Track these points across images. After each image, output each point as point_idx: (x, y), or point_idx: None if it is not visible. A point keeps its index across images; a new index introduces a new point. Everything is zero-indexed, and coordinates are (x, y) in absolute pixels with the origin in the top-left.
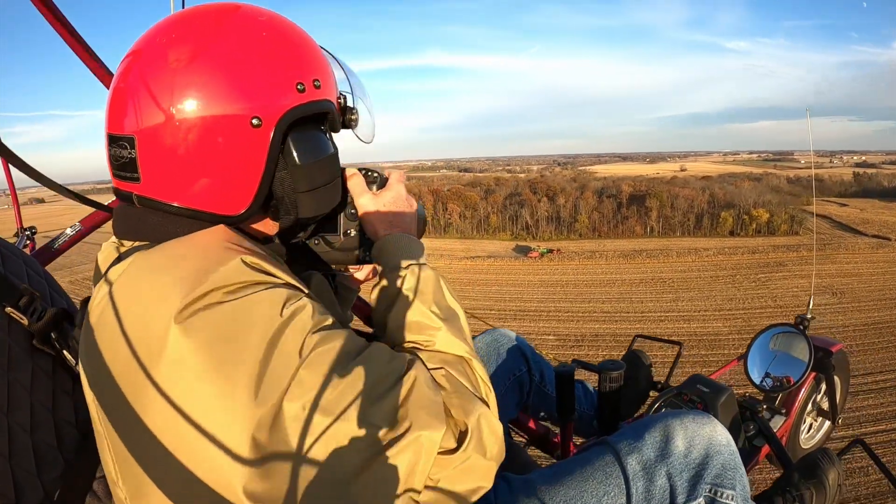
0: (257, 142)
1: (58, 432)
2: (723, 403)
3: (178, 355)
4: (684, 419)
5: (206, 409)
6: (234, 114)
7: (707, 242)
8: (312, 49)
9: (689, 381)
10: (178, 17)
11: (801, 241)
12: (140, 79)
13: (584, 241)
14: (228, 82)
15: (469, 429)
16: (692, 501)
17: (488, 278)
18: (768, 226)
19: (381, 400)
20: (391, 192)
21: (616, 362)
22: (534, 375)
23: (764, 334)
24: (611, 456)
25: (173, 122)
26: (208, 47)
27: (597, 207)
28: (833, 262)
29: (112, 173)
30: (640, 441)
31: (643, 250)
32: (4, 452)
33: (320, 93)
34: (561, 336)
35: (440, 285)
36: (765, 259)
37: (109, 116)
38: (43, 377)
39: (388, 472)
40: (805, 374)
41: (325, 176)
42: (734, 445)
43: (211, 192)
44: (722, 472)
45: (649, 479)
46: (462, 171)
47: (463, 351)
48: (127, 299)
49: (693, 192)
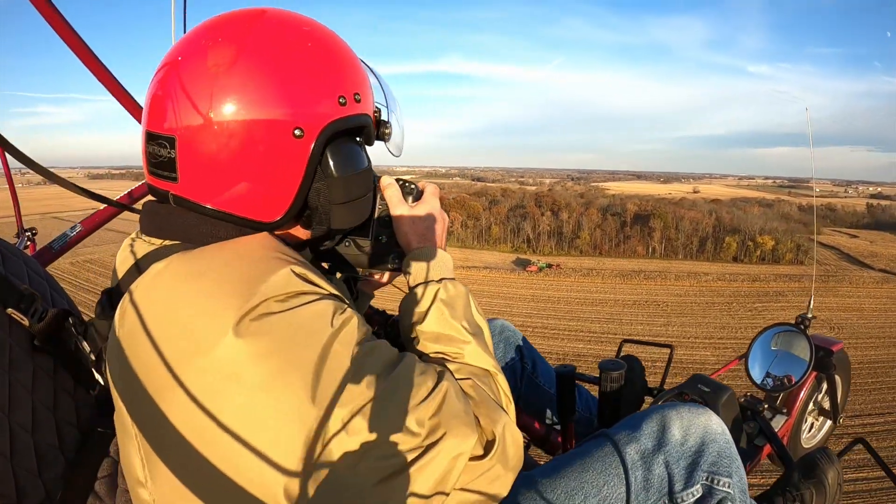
0: (298, 152)
1: (59, 432)
2: (724, 403)
3: (233, 363)
4: (680, 410)
5: (260, 417)
6: (276, 120)
7: (709, 267)
8: (354, 63)
9: (690, 381)
10: (223, 19)
11: (806, 270)
12: (184, 79)
13: (584, 258)
14: (273, 90)
15: (496, 438)
16: (689, 489)
17: (481, 289)
18: (773, 253)
19: (417, 409)
20: (426, 205)
21: (616, 362)
22: (526, 364)
23: (765, 334)
24: (609, 447)
25: (215, 125)
26: (254, 53)
27: (600, 225)
28: (835, 294)
29: (147, 170)
30: (637, 431)
31: (642, 271)
32: (6, 452)
33: (360, 107)
34: (542, 353)
35: (469, 300)
36: (765, 288)
37: (150, 113)
38: (44, 377)
39: (424, 476)
40: (806, 373)
41: (360, 189)
42: (729, 435)
43: (248, 197)
44: (718, 459)
45: (647, 468)
46: (475, 179)
47: (489, 365)
48: (169, 304)
49: (699, 215)
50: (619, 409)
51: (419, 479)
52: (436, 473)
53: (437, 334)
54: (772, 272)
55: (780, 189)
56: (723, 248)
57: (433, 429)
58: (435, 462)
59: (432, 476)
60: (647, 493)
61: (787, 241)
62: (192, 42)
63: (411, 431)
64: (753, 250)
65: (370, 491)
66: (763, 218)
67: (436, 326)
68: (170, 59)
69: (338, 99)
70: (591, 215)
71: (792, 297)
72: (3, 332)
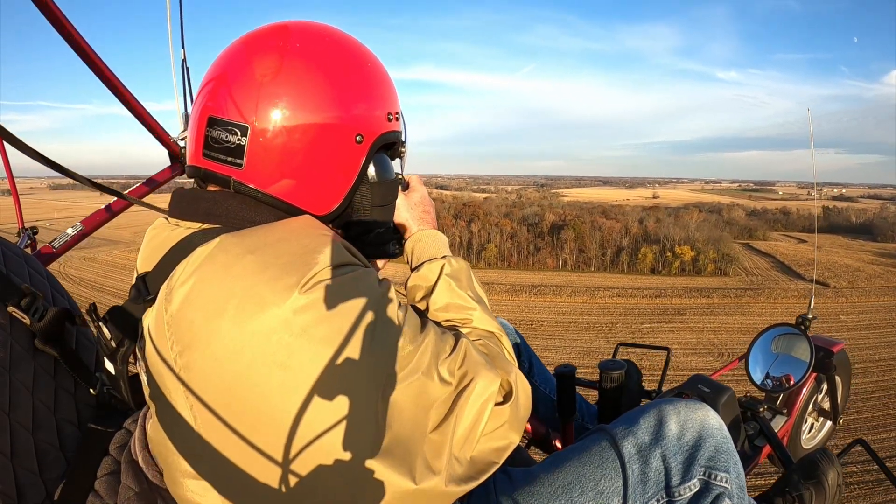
0: (356, 155)
1: (59, 432)
2: (724, 403)
3: (301, 321)
4: (677, 405)
5: (327, 368)
6: (344, 125)
7: (619, 280)
8: (394, 85)
9: (689, 382)
10: (290, 32)
11: (726, 283)
12: (260, 75)
13: (488, 271)
14: (348, 100)
15: (512, 385)
16: (687, 483)
17: None
18: (693, 265)
19: (446, 361)
20: (417, 192)
21: (616, 362)
22: (523, 363)
23: (765, 335)
24: (606, 441)
25: (291, 121)
26: (334, 64)
27: (513, 236)
28: (744, 313)
29: (202, 153)
30: (634, 426)
31: (540, 285)
32: (6, 452)
33: (398, 125)
34: None
35: (470, 273)
36: (665, 304)
37: (216, 102)
38: (44, 377)
39: (462, 421)
40: (806, 374)
41: (392, 194)
42: (727, 430)
43: (305, 189)
44: (715, 454)
45: (644, 462)
46: (439, 188)
47: (494, 328)
48: (227, 279)
49: (619, 225)
50: (620, 409)
51: (460, 423)
52: (470, 417)
53: (446, 304)
54: (685, 286)
55: (744, 192)
56: (638, 260)
57: (462, 377)
58: (468, 405)
59: (468, 419)
60: (645, 487)
61: (710, 252)
62: (258, 45)
63: (445, 381)
64: (672, 261)
65: (426, 439)
66: (686, 227)
67: (445, 297)
68: (238, 58)
69: (387, 115)
70: (504, 226)
71: (690, 316)
72: (5, 331)
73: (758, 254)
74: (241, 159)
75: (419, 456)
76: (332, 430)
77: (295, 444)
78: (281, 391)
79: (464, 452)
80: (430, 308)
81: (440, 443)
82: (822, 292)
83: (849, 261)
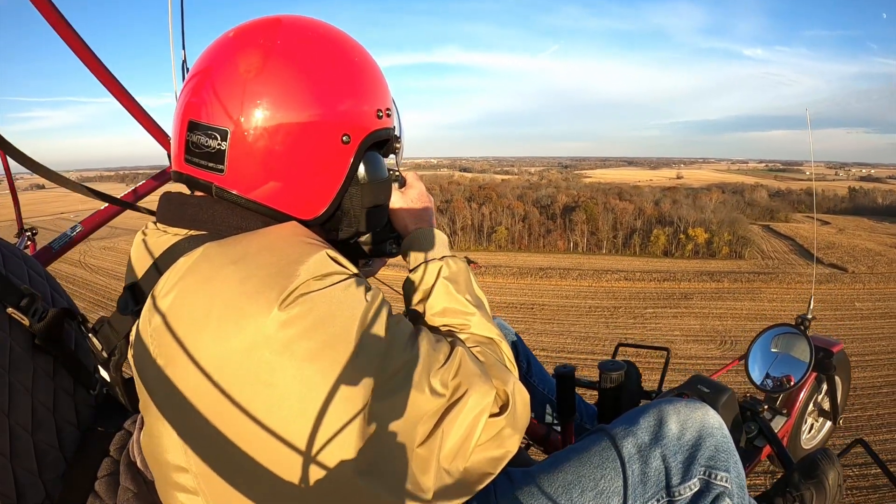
0: (343, 156)
1: (59, 432)
2: (724, 403)
3: (283, 337)
4: (677, 405)
5: (311, 386)
6: (329, 125)
7: (629, 263)
8: (385, 80)
9: (689, 382)
10: (279, 26)
11: (740, 266)
12: (241, 75)
13: (498, 254)
14: (331, 98)
15: (508, 396)
16: (687, 482)
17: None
18: (708, 247)
19: (439, 372)
20: (415, 189)
21: (616, 362)
22: (521, 363)
23: (765, 335)
24: (607, 441)
25: (272, 121)
26: (312, 62)
27: (524, 218)
28: (753, 298)
29: (184, 158)
30: (634, 426)
31: (548, 268)
32: (6, 452)
33: (389, 121)
34: None
35: (469, 275)
36: (672, 288)
37: (195, 102)
38: (44, 377)
39: (452, 434)
40: (806, 374)
41: (385, 194)
42: (727, 430)
43: (290, 193)
44: (715, 454)
45: (644, 462)
46: (462, 170)
47: (493, 334)
48: (209, 290)
49: (632, 206)
50: (619, 409)
51: (449, 437)
52: (462, 430)
53: (443, 309)
54: (696, 269)
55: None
56: (651, 242)
57: (456, 388)
58: (460, 418)
59: (459, 433)
60: (645, 487)
61: (724, 234)
62: (243, 41)
63: (437, 393)
64: (686, 244)
65: (413, 454)
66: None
67: (443, 302)
68: (222, 54)
69: (377, 112)
70: (515, 207)
71: (696, 302)
72: (4, 332)
73: (777, 236)
74: (222, 164)
75: (407, 472)
76: (316, 447)
77: (280, 463)
78: (264, 409)
79: (455, 465)
80: (427, 313)
81: (426, 458)
82: (839, 277)
83: (871, 244)
